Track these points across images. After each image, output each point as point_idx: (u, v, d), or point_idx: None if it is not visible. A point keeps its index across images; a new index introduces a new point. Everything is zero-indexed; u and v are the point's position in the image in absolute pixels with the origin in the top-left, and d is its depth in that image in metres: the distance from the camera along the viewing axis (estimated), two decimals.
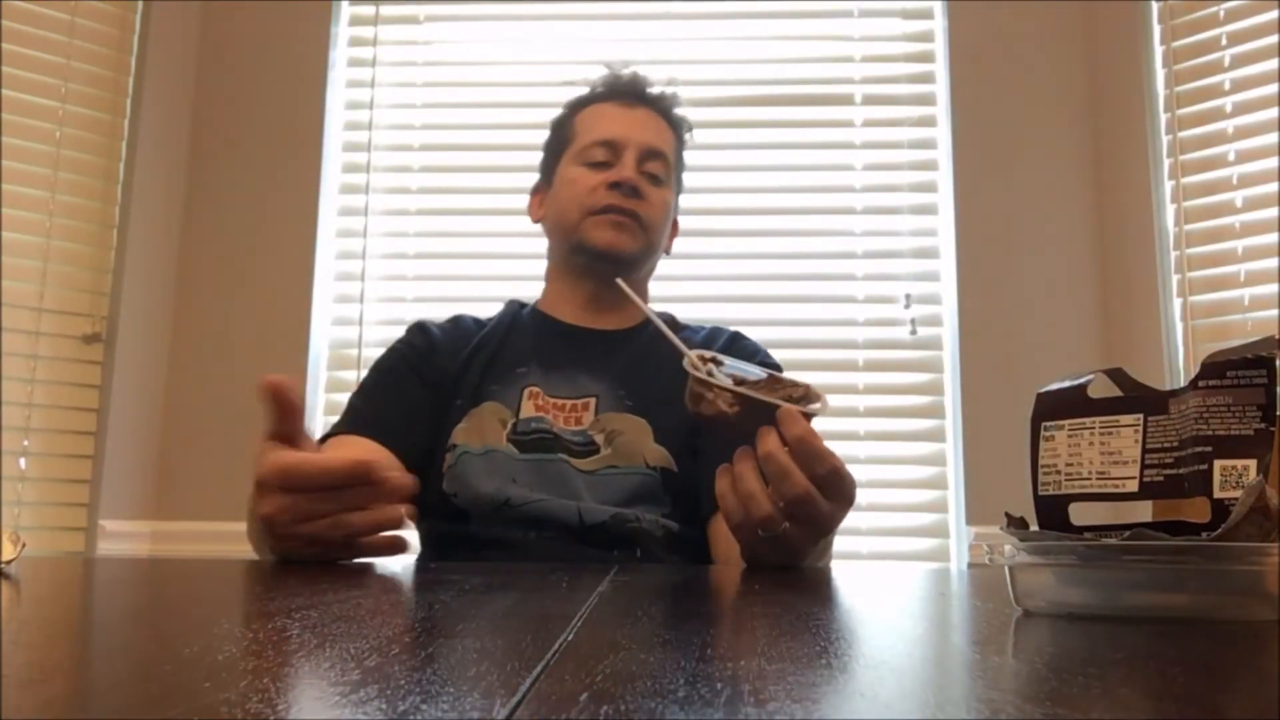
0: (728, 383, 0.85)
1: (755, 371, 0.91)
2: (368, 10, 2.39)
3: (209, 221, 2.30)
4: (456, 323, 1.32)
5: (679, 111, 1.35)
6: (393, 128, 2.36)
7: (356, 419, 1.19)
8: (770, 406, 0.83)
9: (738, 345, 1.27)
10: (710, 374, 0.86)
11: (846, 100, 2.32)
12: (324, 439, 1.17)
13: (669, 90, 1.35)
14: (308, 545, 0.84)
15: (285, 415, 0.83)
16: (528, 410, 1.18)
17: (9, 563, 0.67)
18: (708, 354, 0.90)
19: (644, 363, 1.22)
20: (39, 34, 2.14)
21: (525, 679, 0.31)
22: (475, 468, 1.14)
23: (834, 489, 0.83)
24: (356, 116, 2.36)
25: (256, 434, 0.87)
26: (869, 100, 2.32)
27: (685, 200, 1.40)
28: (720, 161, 2.28)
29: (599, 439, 1.15)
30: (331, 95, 2.34)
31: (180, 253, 2.28)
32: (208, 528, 2.13)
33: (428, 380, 1.23)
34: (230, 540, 2.30)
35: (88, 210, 2.18)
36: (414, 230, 2.32)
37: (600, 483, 1.13)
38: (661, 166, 1.28)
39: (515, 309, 1.34)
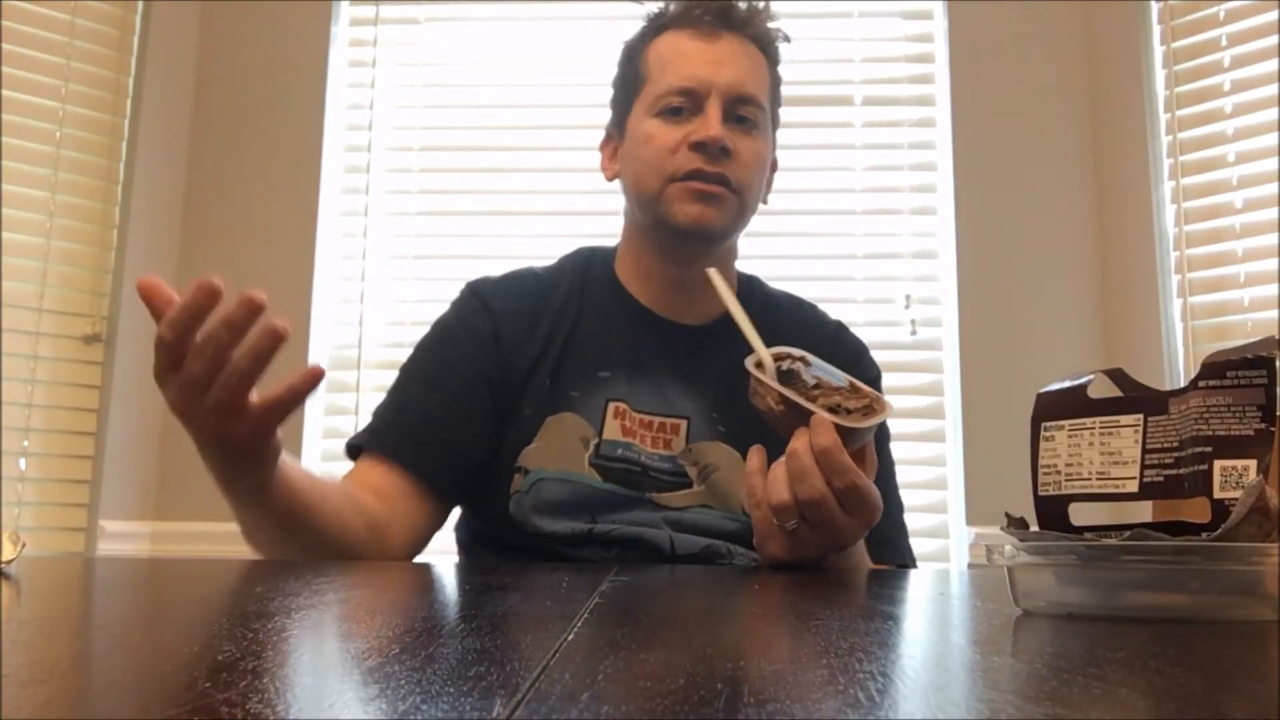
0: (812, 380, 0.89)
1: (838, 377, 0.91)
2: (368, 11, 2.39)
3: (209, 222, 2.30)
4: (519, 291, 1.11)
5: (773, 26, 1.13)
6: (393, 129, 2.36)
7: (396, 435, 1.02)
8: (809, 412, 0.84)
9: (839, 340, 1.17)
10: (797, 371, 0.89)
11: (846, 101, 2.31)
12: (354, 451, 1.03)
13: (760, 4, 1.11)
14: (227, 418, 0.75)
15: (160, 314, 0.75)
16: (612, 431, 1.04)
17: (9, 563, 0.67)
18: (796, 352, 0.91)
19: (737, 374, 0.98)
20: (39, 34, 2.14)
21: (525, 679, 0.31)
22: (551, 496, 1.01)
23: (853, 504, 0.83)
24: (356, 118, 2.36)
25: None
26: (869, 101, 2.31)
27: None
28: None
29: (691, 472, 1.04)
30: (332, 96, 2.33)
31: (180, 253, 2.28)
32: (208, 528, 2.12)
33: (493, 381, 1.05)
34: (230, 541, 2.29)
35: (88, 210, 2.18)
36: (415, 232, 2.32)
37: (689, 521, 1.03)
38: (754, 109, 1.07)
39: (585, 264, 1.15)
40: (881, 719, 0.27)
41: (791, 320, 1.17)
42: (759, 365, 0.90)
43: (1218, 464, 0.53)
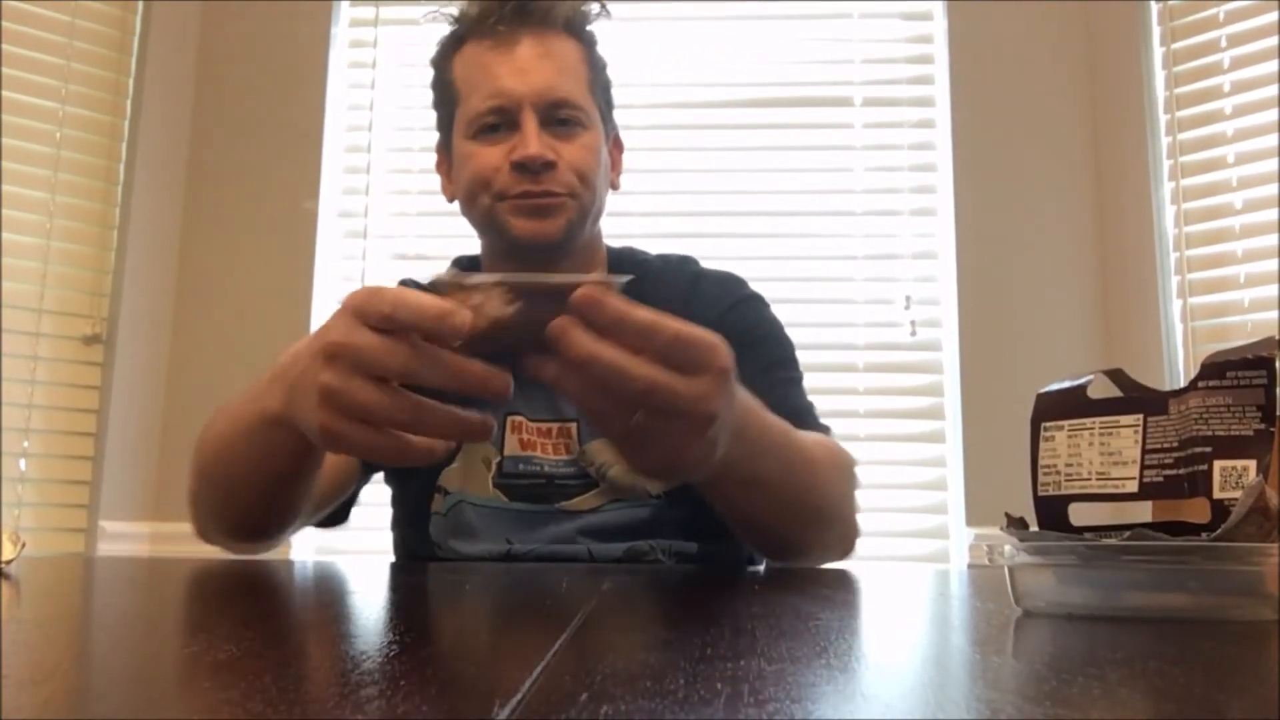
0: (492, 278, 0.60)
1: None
2: (368, 12, 2.39)
3: (209, 222, 2.30)
4: None
5: (577, 3, 1.05)
6: (393, 129, 2.36)
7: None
8: (559, 290, 0.59)
9: (699, 282, 1.08)
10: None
11: (846, 103, 2.32)
12: None
13: None
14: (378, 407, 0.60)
15: None
16: (512, 446, 1.01)
17: (9, 563, 0.68)
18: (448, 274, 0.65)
19: None
20: (39, 35, 2.14)
21: (525, 679, 0.31)
22: (467, 521, 1.00)
23: (687, 360, 0.61)
24: (357, 118, 2.37)
25: None
26: (869, 102, 2.32)
27: (685, 200, 1.28)
28: (720, 164, 2.28)
29: (592, 472, 1.02)
30: (332, 96, 2.34)
31: (180, 253, 2.28)
32: None
33: None
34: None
35: (88, 211, 2.18)
36: (415, 232, 2.32)
37: (602, 523, 1.00)
38: (572, 110, 1.01)
39: None
40: (881, 719, 0.27)
41: (658, 278, 1.07)
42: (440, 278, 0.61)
43: (1217, 464, 0.53)
